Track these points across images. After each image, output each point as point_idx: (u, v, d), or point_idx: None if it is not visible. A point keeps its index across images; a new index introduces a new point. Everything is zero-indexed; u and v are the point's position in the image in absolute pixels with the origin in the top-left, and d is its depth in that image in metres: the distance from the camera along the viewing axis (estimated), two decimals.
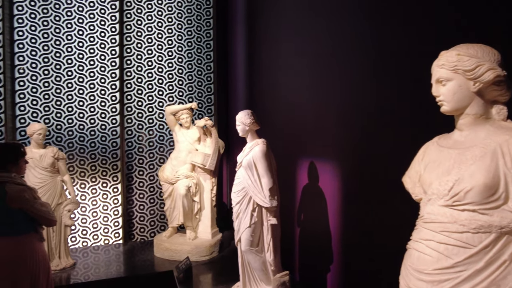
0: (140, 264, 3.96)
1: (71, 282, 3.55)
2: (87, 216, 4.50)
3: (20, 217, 2.32)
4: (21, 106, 4.30)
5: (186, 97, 4.88)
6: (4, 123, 4.19)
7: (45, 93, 4.36)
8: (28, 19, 4.30)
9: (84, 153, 4.47)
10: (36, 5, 4.32)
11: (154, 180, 4.75)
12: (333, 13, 2.86)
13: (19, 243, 2.32)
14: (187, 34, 4.89)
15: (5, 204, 2.26)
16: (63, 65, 4.42)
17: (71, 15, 4.44)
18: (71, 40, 4.44)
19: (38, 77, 4.34)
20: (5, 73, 4.19)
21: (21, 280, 2.29)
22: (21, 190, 2.34)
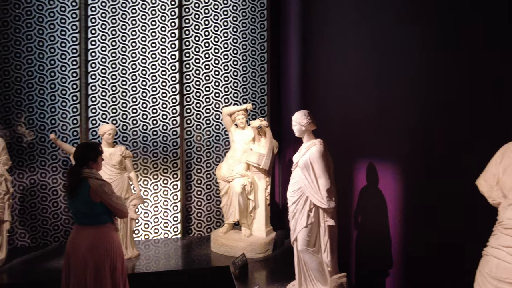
0: (197, 258, 4.14)
1: (135, 271, 3.82)
2: (149, 211, 4.81)
3: (100, 209, 2.60)
4: (92, 109, 4.72)
5: (240, 98, 5.01)
6: (79, 124, 4.64)
7: (112, 96, 4.75)
8: (99, 29, 4.71)
9: (147, 152, 4.79)
10: (106, 16, 4.72)
11: (211, 178, 4.95)
12: (395, 2, 2.76)
13: (100, 232, 2.60)
14: (242, 37, 5.02)
15: (89, 197, 2.54)
16: (128, 70, 4.77)
17: (135, 23, 4.78)
18: (135, 47, 4.79)
19: (107, 82, 4.74)
20: (81, 79, 4.64)
21: (102, 262, 2.58)
22: (102, 184, 2.60)
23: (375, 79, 3.01)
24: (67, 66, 4.64)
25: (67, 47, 4.64)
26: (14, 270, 3.77)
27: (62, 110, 4.63)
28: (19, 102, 4.55)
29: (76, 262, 2.56)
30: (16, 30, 4.53)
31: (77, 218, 2.62)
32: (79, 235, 2.59)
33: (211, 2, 4.94)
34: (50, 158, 4.61)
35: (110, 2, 4.72)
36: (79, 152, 2.64)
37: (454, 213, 2.16)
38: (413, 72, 2.53)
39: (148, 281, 3.73)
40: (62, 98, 4.64)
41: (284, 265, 3.81)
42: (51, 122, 4.61)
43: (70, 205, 2.64)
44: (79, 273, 2.55)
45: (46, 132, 4.59)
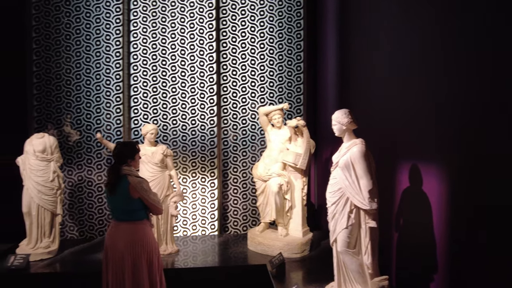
0: (234, 255, 4.21)
1: (174, 267, 3.94)
2: (187, 208, 4.95)
3: (137, 206, 2.69)
4: (135, 109, 4.93)
5: (276, 98, 5.03)
6: (122, 124, 4.86)
7: (153, 97, 4.93)
8: (140, 33, 4.91)
9: (186, 151, 4.93)
10: (147, 20, 4.91)
11: (247, 177, 5.01)
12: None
13: (137, 228, 2.69)
14: (278, 36, 5.03)
15: (128, 193, 2.63)
16: (168, 72, 4.94)
17: (174, 26, 4.93)
18: (174, 49, 4.94)
19: (148, 84, 4.93)
20: (124, 82, 4.86)
21: (140, 258, 2.67)
22: (140, 181, 2.71)
23: (421, 77, 2.91)
24: (111, 69, 4.88)
25: (111, 51, 4.88)
26: (65, 260, 4.02)
27: (106, 111, 4.88)
28: (69, 104, 4.85)
29: (114, 256, 2.65)
30: (66, 37, 4.83)
31: (116, 214, 2.73)
32: (117, 230, 2.69)
33: (247, 3, 4.99)
34: (96, 156, 4.87)
35: (150, 6, 4.90)
36: (118, 151, 2.74)
37: (505, 216, 2.05)
38: (464, 69, 2.42)
39: (186, 277, 3.83)
40: (107, 100, 4.88)
41: (321, 266, 3.78)
42: (97, 122, 4.87)
43: (109, 201, 2.75)
44: (117, 267, 2.65)
45: (92, 132, 4.86)
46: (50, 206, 4.00)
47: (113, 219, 2.76)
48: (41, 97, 4.82)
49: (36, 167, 3.93)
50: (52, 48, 4.82)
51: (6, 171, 4.61)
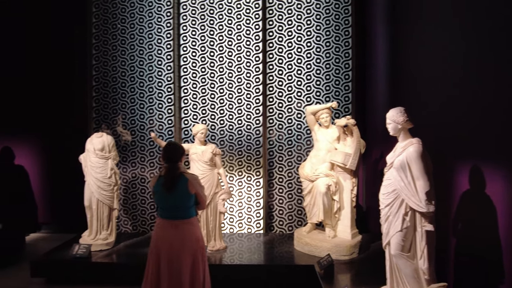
0: (280, 254, 4.20)
1: (222, 263, 4.02)
2: (234, 206, 5.04)
3: (192, 202, 2.76)
4: (185, 110, 5.11)
5: (323, 96, 4.95)
6: (173, 124, 5.07)
7: (202, 98, 5.08)
8: (190, 36, 5.08)
9: (233, 150, 5.02)
10: (196, 23, 5.07)
11: (292, 176, 4.99)
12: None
13: (192, 224, 2.76)
14: (325, 34, 4.95)
15: (187, 189, 2.70)
16: (216, 73, 5.06)
17: (222, 28, 5.04)
18: (222, 51, 5.05)
19: (197, 85, 5.09)
20: (175, 83, 5.06)
21: (196, 252, 2.72)
22: (196, 177, 2.81)
23: (478, 73, 2.71)
24: (163, 71, 5.11)
25: (163, 54, 5.10)
26: (120, 252, 4.27)
27: (158, 112, 5.11)
28: (124, 105, 5.14)
29: (171, 255, 2.63)
30: (122, 42, 5.13)
31: (170, 212, 2.70)
32: (172, 229, 2.67)
33: (294, 2, 4.97)
34: (149, 154, 5.12)
35: (199, 9, 5.06)
36: (173, 150, 2.77)
37: None
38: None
39: (232, 274, 3.89)
40: (159, 101, 5.11)
41: (371, 269, 3.67)
42: (149, 123, 5.12)
43: (164, 200, 2.70)
44: (175, 266, 2.62)
45: (145, 132, 5.11)
46: (108, 201, 4.27)
47: (165, 219, 2.72)
48: (99, 99, 5.16)
49: (96, 164, 4.22)
50: (109, 53, 5.14)
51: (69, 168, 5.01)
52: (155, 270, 2.69)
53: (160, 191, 2.71)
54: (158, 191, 2.72)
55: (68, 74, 5.62)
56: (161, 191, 2.70)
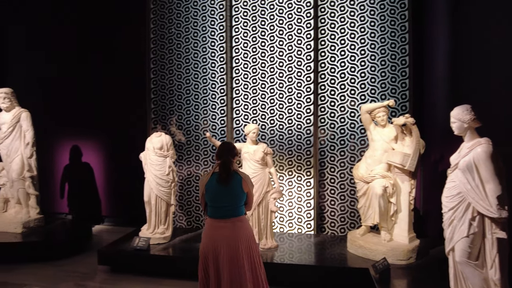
0: (332, 256, 4.13)
1: (273, 261, 4.04)
2: (284, 205, 5.05)
3: (243, 201, 2.77)
4: (236, 110, 5.22)
5: (378, 94, 4.78)
6: (226, 124, 5.21)
7: (253, 98, 5.15)
8: (241, 37, 5.18)
9: (283, 150, 5.03)
10: (247, 25, 5.15)
11: (345, 177, 4.88)
12: None
13: (245, 221, 2.78)
14: (380, 30, 4.77)
15: (241, 187, 2.71)
16: (267, 74, 5.10)
17: (273, 28, 5.07)
18: (273, 51, 5.08)
19: (248, 86, 5.17)
20: (227, 85, 5.20)
21: (251, 250, 2.74)
22: (249, 177, 2.82)
23: None
24: (216, 73, 5.26)
25: (216, 56, 5.26)
26: (176, 246, 4.47)
27: (212, 112, 5.28)
28: (180, 106, 5.39)
29: (230, 254, 2.61)
30: (177, 46, 5.38)
31: (223, 211, 2.67)
32: (227, 228, 2.64)
33: None
34: (203, 153, 5.31)
35: (250, 11, 5.14)
36: (227, 149, 2.80)
37: None
38: None
39: (283, 273, 3.89)
40: (212, 102, 5.28)
41: (430, 276, 3.47)
42: (203, 123, 5.31)
43: (218, 197, 2.67)
44: (235, 265, 2.60)
45: (199, 131, 5.31)
46: (166, 197, 4.51)
47: (217, 218, 2.69)
48: (157, 100, 5.46)
49: (155, 162, 4.48)
50: (166, 56, 5.42)
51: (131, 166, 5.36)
52: (214, 271, 2.64)
53: (213, 188, 2.68)
54: (212, 188, 2.68)
55: (129, 78, 6.02)
56: (215, 188, 2.67)
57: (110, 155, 6.22)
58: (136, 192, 5.08)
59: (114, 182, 6.22)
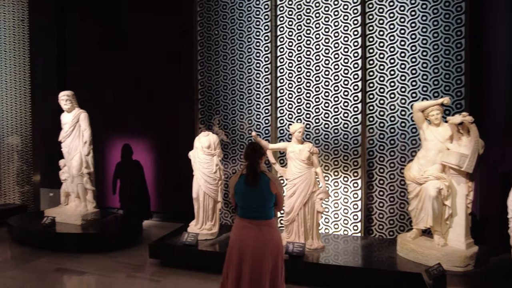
0: (380, 259, 3.99)
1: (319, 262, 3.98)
2: (329, 206, 4.97)
3: (272, 203, 2.72)
4: (280, 110, 5.23)
5: (431, 92, 4.55)
6: (270, 124, 5.24)
7: (298, 97, 5.13)
8: (286, 37, 5.18)
9: (328, 149, 4.96)
10: (292, 24, 5.14)
11: (395, 178, 4.70)
12: None
13: (273, 226, 2.73)
14: (433, 25, 4.54)
15: (270, 189, 2.66)
16: (312, 72, 5.06)
17: (318, 26, 5.02)
18: (318, 49, 5.02)
19: (293, 85, 5.16)
20: (272, 84, 5.22)
21: (277, 256, 2.70)
22: (277, 178, 2.78)
23: None
24: (261, 73, 5.31)
25: (261, 56, 5.30)
26: (223, 243, 4.56)
27: (256, 112, 5.34)
28: (225, 106, 5.50)
29: (254, 257, 2.59)
30: (223, 47, 5.50)
31: (252, 212, 2.66)
32: (254, 230, 2.63)
33: None
34: None
35: (296, 9, 5.12)
36: (254, 150, 2.73)
37: None
38: None
39: (328, 274, 3.83)
40: (257, 102, 5.34)
41: (491, 285, 3.24)
42: (248, 122, 5.38)
43: (246, 199, 2.66)
44: (257, 268, 2.59)
45: (244, 131, 5.39)
46: (213, 194, 4.63)
47: (246, 218, 2.67)
48: (204, 101, 5.62)
49: (203, 160, 4.61)
50: (212, 58, 5.55)
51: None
52: (235, 271, 2.63)
53: (242, 190, 2.67)
54: (240, 190, 2.67)
55: (177, 79, 6.25)
56: (243, 190, 2.66)
57: (159, 153, 6.50)
58: (183, 189, 5.27)
59: (163, 179, 6.49)
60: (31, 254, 4.85)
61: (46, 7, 7.16)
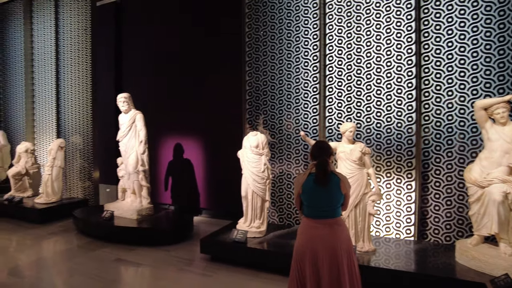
0: (436, 265, 3.79)
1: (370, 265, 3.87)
2: (381, 209, 4.81)
3: (340, 202, 2.69)
4: (329, 109, 5.15)
5: (494, 88, 4.23)
6: (318, 123, 5.18)
7: (347, 96, 5.02)
8: (336, 34, 5.09)
9: (380, 150, 4.79)
10: (342, 21, 5.04)
11: (452, 181, 4.43)
12: None
13: (343, 224, 2.71)
14: (498, 15, 4.21)
15: (340, 188, 2.64)
16: (363, 70, 4.92)
17: (369, 23, 4.87)
18: (369, 46, 4.87)
19: (342, 83, 5.06)
20: (320, 83, 5.16)
21: (350, 252, 2.66)
22: (346, 178, 2.73)
23: None
24: (309, 72, 5.27)
25: (309, 55, 5.26)
26: (271, 241, 4.59)
27: (304, 111, 5.31)
28: (273, 106, 5.53)
29: (331, 256, 2.57)
30: (271, 47, 5.53)
31: (322, 211, 2.63)
32: (327, 228, 2.60)
33: None
34: (294, 152, 5.37)
35: (345, 7, 5.01)
36: (322, 149, 2.72)
37: None
38: None
39: (379, 278, 3.71)
40: (305, 101, 5.31)
41: None
42: (295, 122, 5.36)
43: (316, 198, 2.63)
44: (335, 267, 2.57)
45: (291, 131, 5.38)
46: (261, 193, 4.68)
47: (315, 218, 2.65)
48: (252, 101, 5.70)
49: (251, 159, 4.68)
50: (260, 58, 5.61)
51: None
52: (312, 273, 2.59)
53: (311, 189, 2.63)
54: (309, 189, 2.64)
55: (226, 80, 6.40)
56: (312, 189, 2.62)
57: (209, 152, 6.71)
58: (232, 187, 5.39)
59: (212, 177, 6.69)
60: (93, 244, 5.25)
61: (107, 19, 7.70)
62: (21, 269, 4.41)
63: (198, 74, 6.71)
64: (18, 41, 8.95)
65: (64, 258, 4.75)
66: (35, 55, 8.71)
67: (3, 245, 5.35)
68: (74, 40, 7.84)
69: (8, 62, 9.22)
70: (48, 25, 8.37)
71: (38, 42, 8.62)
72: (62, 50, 8.07)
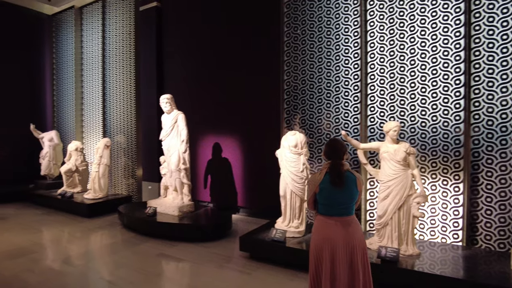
0: (487, 274, 3.56)
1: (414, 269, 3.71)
2: (425, 211, 4.60)
3: (355, 200, 2.70)
4: (371, 107, 5.02)
5: None
6: (359, 122, 5.06)
7: (390, 94, 4.86)
8: (377, 31, 4.94)
9: (425, 150, 4.59)
10: (384, 18, 4.89)
11: (506, 183, 4.15)
12: None
13: (357, 221, 2.72)
14: None
15: (356, 187, 2.65)
16: (407, 67, 4.74)
17: (413, 18, 4.68)
18: (413, 42, 4.69)
19: (385, 81, 4.91)
20: (362, 81, 5.04)
21: (364, 250, 2.67)
22: (360, 175, 2.73)
23: None
24: (350, 70, 5.17)
25: (350, 53, 5.16)
26: (309, 241, 4.55)
27: (344, 110, 5.21)
28: (311, 105, 5.49)
29: (347, 253, 2.60)
30: (310, 46, 5.49)
31: (339, 209, 2.64)
32: (344, 226, 2.62)
33: None
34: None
35: (387, 2, 4.86)
36: (334, 150, 2.68)
37: None
38: None
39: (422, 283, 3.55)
40: (345, 99, 5.21)
41: None
42: (335, 121, 5.28)
43: (333, 197, 2.64)
44: (351, 263, 2.60)
45: (330, 130, 5.30)
46: (300, 193, 4.65)
47: (332, 216, 2.65)
48: (290, 100, 5.69)
49: (290, 159, 4.67)
50: (299, 58, 5.58)
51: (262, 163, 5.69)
52: (329, 270, 2.61)
53: (328, 189, 2.63)
54: (327, 188, 2.63)
55: (264, 80, 6.44)
56: (330, 189, 2.62)
57: (247, 151, 6.78)
58: (270, 187, 5.40)
59: (250, 176, 6.75)
60: (137, 239, 5.50)
61: (149, 23, 8.03)
62: (73, 259, 4.71)
63: (236, 73, 6.80)
64: (69, 47, 9.59)
65: (110, 251, 5.02)
66: (84, 59, 9.28)
67: (58, 236, 5.75)
68: (119, 44, 8.25)
69: (61, 67, 9.92)
70: (96, 31, 8.89)
71: (87, 47, 9.18)
72: (108, 54, 8.54)
